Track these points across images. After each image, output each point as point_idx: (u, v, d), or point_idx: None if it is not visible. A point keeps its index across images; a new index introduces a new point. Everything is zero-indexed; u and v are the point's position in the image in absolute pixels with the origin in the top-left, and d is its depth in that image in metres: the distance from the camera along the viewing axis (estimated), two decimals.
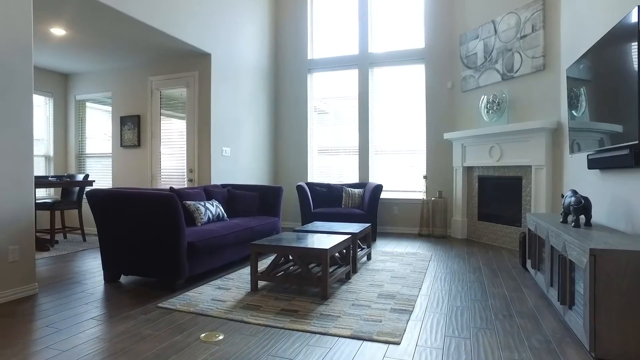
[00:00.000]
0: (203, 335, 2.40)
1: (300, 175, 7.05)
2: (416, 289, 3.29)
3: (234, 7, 5.88)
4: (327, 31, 6.97)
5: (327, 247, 3.09)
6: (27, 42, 3.22)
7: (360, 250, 4.28)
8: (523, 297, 3.14)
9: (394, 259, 4.38)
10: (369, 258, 4.43)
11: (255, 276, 3.27)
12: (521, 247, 4.10)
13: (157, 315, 2.74)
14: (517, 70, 5.01)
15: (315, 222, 4.77)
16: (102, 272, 3.91)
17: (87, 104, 6.59)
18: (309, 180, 7.01)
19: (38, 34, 4.69)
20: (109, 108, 6.30)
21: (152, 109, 5.89)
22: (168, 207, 3.23)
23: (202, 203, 4.29)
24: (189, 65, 5.59)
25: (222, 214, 4.47)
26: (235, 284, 3.47)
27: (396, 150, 6.51)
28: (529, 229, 3.78)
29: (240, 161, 6.12)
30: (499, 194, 5.33)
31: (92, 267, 4.11)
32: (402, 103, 6.48)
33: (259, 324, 2.56)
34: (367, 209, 5.61)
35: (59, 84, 6.57)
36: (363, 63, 6.63)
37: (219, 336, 2.37)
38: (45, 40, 4.90)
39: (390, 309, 2.82)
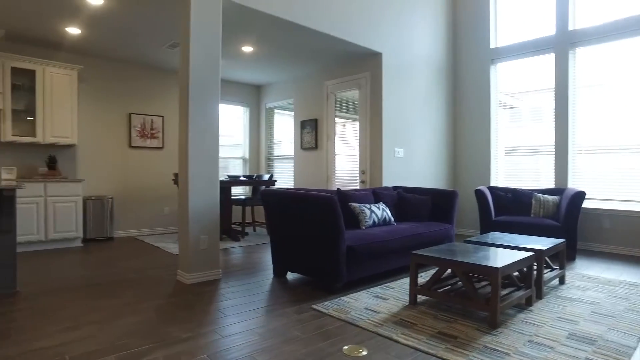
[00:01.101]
0: (346, 347, 2.25)
1: (481, 178, 6.31)
2: (633, 337, 2.43)
3: (403, 1, 5.64)
4: (513, 13, 6.04)
5: (499, 265, 2.56)
6: (216, 59, 3.68)
7: (549, 271, 3.48)
8: None
9: (600, 288, 3.41)
10: (561, 282, 3.57)
11: (414, 289, 2.97)
12: None
13: (309, 317, 2.73)
14: None
15: (494, 232, 4.13)
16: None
17: (275, 110, 7.35)
18: (492, 184, 6.21)
19: (231, 53, 5.41)
20: (292, 113, 6.86)
21: (328, 112, 6.14)
22: (327, 208, 3.22)
23: (368, 206, 4.19)
24: (360, 67, 5.60)
25: (389, 218, 4.28)
26: (395, 294, 3.23)
27: (608, 149, 5.14)
28: None
29: (413, 162, 5.83)
30: None
31: (268, 261, 4.48)
32: (619, 88, 5.08)
33: (408, 345, 2.26)
34: (564, 221, 4.58)
35: (253, 95, 7.51)
36: (561, 44, 5.48)
37: (362, 351, 2.19)
38: (237, 57, 5.62)
39: (586, 358, 2.13)
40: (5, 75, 4.76)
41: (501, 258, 2.78)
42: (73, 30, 4.65)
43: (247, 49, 5.23)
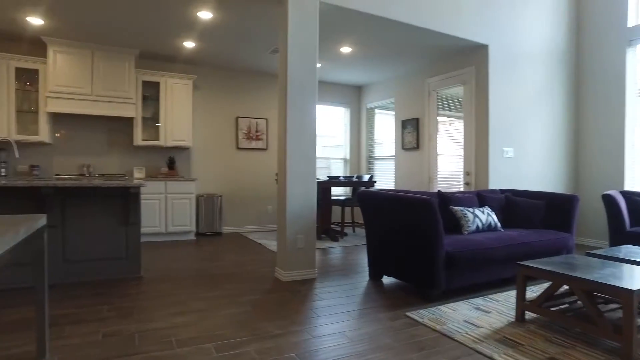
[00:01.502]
0: None
1: (611, 181, 5.45)
2: None
3: None
4: None
5: (636, 287, 2.15)
6: (313, 62, 3.73)
7: None
8: None
9: None
10: None
11: (521, 304, 2.66)
12: None
13: (403, 324, 2.60)
14: None
15: (627, 245, 3.52)
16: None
17: (376, 110, 7.26)
18: (627, 187, 5.32)
19: (331, 54, 5.46)
20: (393, 113, 6.70)
21: (429, 111, 5.86)
22: (424, 211, 3.05)
23: (471, 209, 3.88)
24: (464, 62, 5.24)
25: (495, 224, 3.92)
26: (499, 307, 2.93)
27: None
28: None
29: (524, 163, 5.28)
30: None
31: (364, 263, 4.42)
32: None
33: None
34: None
35: (354, 96, 7.51)
36: None
37: None
38: (337, 58, 5.66)
39: None
40: (138, 89, 5.45)
41: (638, 278, 2.34)
42: (188, 44, 5.14)
43: (346, 49, 5.23)
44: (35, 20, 4.43)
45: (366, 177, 6.22)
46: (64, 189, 3.44)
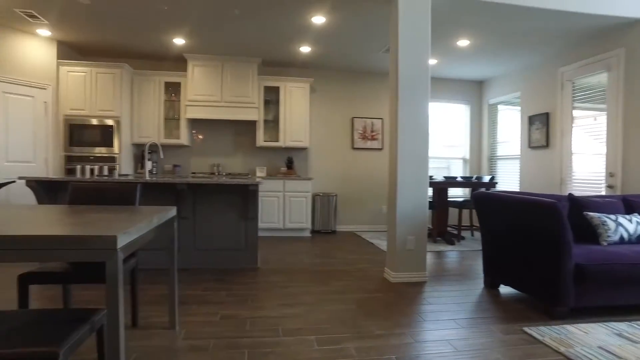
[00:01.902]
0: None
1: None
2: None
3: None
4: None
5: None
6: (424, 60, 3.59)
7: None
8: None
9: None
10: None
11: None
12: None
13: (517, 340, 2.35)
14: None
15: None
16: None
17: (499, 106, 6.68)
18: None
19: (446, 49, 5.18)
20: (519, 108, 6.10)
21: (562, 104, 5.18)
22: (548, 216, 2.71)
23: (614, 217, 3.32)
24: (609, 44, 4.50)
25: None
26: None
27: None
28: None
29: None
30: None
31: (480, 269, 4.11)
32: None
33: None
34: None
35: (474, 92, 7.02)
36: None
37: None
38: (453, 53, 5.35)
39: None
40: (260, 94, 5.92)
41: None
42: (304, 49, 5.40)
43: (463, 42, 4.93)
44: (179, 41, 5.13)
45: (487, 178, 5.77)
46: (194, 185, 3.90)
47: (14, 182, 2.23)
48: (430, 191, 6.01)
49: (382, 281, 3.59)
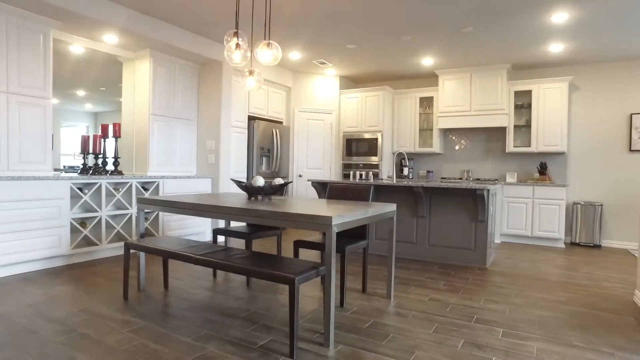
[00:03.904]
0: None
1: None
2: None
3: None
4: None
5: None
6: None
7: None
8: None
9: None
10: None
11: None
12: None
13: None
14: None
15: None
16: None
17: None
18: None
19: None
20: None
21: None
22: None
23: None
24: None
25: None
26: None
27: None
28: None
29: None
30: None
31: None
32: None
33: None
34: None
35: None
36: None
37: None
38: None
39: None
40: (510, 99, 5.89)
41: None
42: (555, 47, 5.07)
43: None
44: (427, 61, 5.83)
45: None
46: (428, 188, 4.48)
47: (290, 182, 3.40)
48: None
49: (626, 304, 3.18)
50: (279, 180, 3.13)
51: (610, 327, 2.65)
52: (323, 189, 4.94)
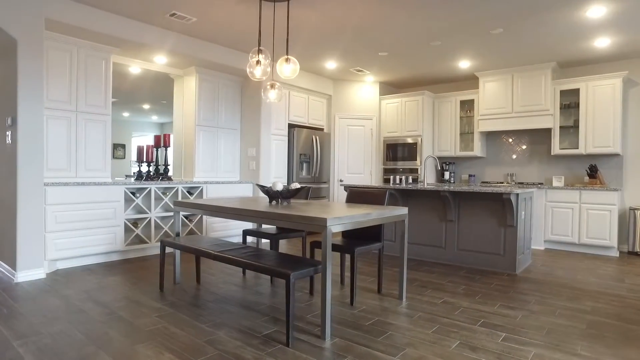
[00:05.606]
0: None
1: None
2: None
3: None
4: None
5: None
6: None
7: None
8: None
9: None
10: None
11: None
12: None
13: None
14: None
15: None
16: None
17: None
18: None
19: None
20: None
21: None
22: None
23: None
24: None
25: None
26: None
27: None
28: None
29: None
30: None
31: None
32: None
33: None
34: None
35: None
36: None
37: None
38: None
39: None
40: (555, 99, 5.62)
41: None
42: (601, 42, 4.79)
43: None
44: (464, 64, 5.76)
45: None
46: (456, 193, 4.46)
47: (305, 187, 3.59)
48: None
49: None
50: (295, 185, 3.36)
51: (627, 339, 2.54)
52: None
